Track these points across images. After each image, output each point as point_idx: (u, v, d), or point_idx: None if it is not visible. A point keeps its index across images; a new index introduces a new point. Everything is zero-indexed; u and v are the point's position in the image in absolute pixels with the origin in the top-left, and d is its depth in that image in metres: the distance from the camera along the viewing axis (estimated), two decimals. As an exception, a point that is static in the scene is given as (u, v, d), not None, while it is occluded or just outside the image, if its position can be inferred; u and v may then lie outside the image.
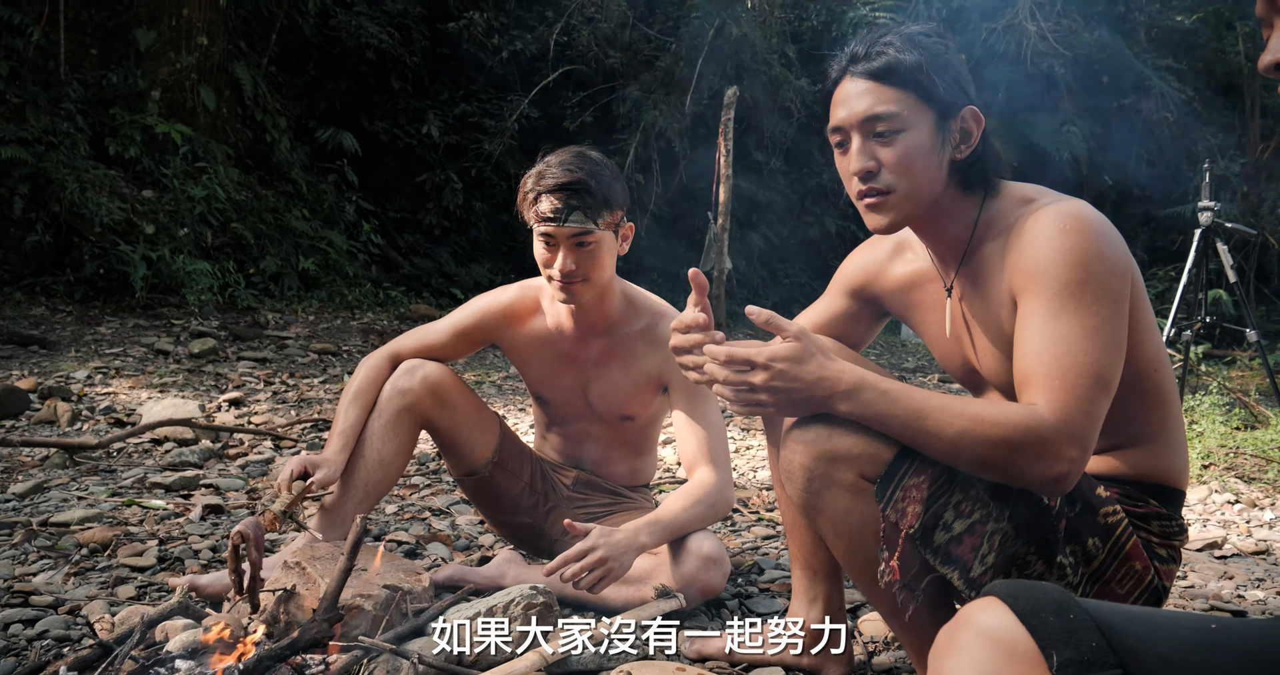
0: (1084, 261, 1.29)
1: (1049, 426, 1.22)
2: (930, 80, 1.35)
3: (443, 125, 9.33)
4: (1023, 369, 1.30)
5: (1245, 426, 4.89)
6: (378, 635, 1.64)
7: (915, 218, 1.43)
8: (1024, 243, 1.34)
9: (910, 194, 1.38)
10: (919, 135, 1.36)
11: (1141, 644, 0.81)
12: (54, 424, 3.87)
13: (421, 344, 2.15)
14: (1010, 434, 1.22)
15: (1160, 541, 1.48)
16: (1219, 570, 2.63)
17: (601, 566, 1.78)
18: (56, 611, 1.95)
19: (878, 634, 1.95)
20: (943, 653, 0.86)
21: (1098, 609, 0.84)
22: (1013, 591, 0.86)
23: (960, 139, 1.39)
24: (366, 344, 6.59)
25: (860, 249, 1.73)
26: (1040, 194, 1.42)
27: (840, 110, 1.40)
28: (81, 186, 6.24)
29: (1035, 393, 1.26)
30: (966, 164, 1.41)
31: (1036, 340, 1.28)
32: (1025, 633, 0.83)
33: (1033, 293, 1.31)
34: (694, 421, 2.03)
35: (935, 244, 1.51)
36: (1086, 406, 1.24)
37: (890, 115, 1.35)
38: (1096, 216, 1.34)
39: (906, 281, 1.62)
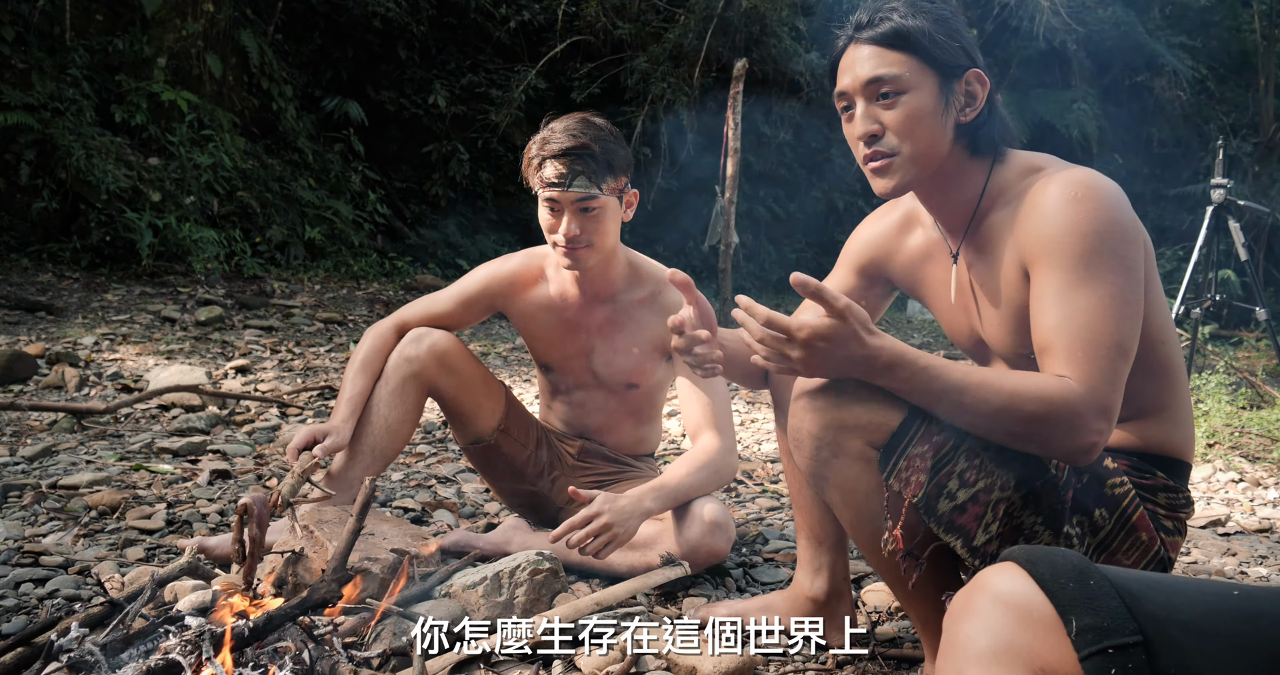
0: (1097, 230, 1.28)
1: (1080, 399, 1.23)
2: (933, 43, 1.35)
3: (449, 95, 9.27)
4: (1044, 342, 1.29)
5: (1251, 406, 4.89)
6: (385, 598, 1.66)
7: (921, 181, 1.43)
8: (1035, 212, 1.33)
9: (914, 156, 1.38)
10: (922, 97, 1.36)
11: (1162, 610, 0.80)
12: (62, 389, 3.88)
13: (428, 313, 2.15)
14: (1045, 408, 1.22)
15: (1166, 513, 1.48)
16: (1222, 547, 2.64)
17: (606, 532, 1.79)
18: (67, 571, 1.96)
19: (881, 604, 1.96)
20: (959, 617, 0.86)
21: (1118, 575, 0.83)
22: (1031, 557, 0.86)
23: (965, 102, 1.39)
24: (372, 313, 6.60)
25: (866, 223, 1.71)
26: (1049, 163, 1.41)
27: (845, 76, 1.41)
28: (88, 153, 6.22)
29: (1059, 366, 1.26)
30: (972, 127, 1.40)
31: (1056, 312, 1.28)
32: (1043, 598, 0.82)
33: (1048, 264, 1.30)
34: (698, 389, 2.04)
35: (941, 211, 1.50)
36: (1110, 376, 1.25)
37: (893, 77, 1.36)
38: (1107, 183, 1.33)
39: (916, 255, 1.61)
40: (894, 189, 1.41)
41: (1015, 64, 8.80)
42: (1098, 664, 0.78)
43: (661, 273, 2.15)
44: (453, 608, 1.67)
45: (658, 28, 9.66)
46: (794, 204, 10.41)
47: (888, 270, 1.67)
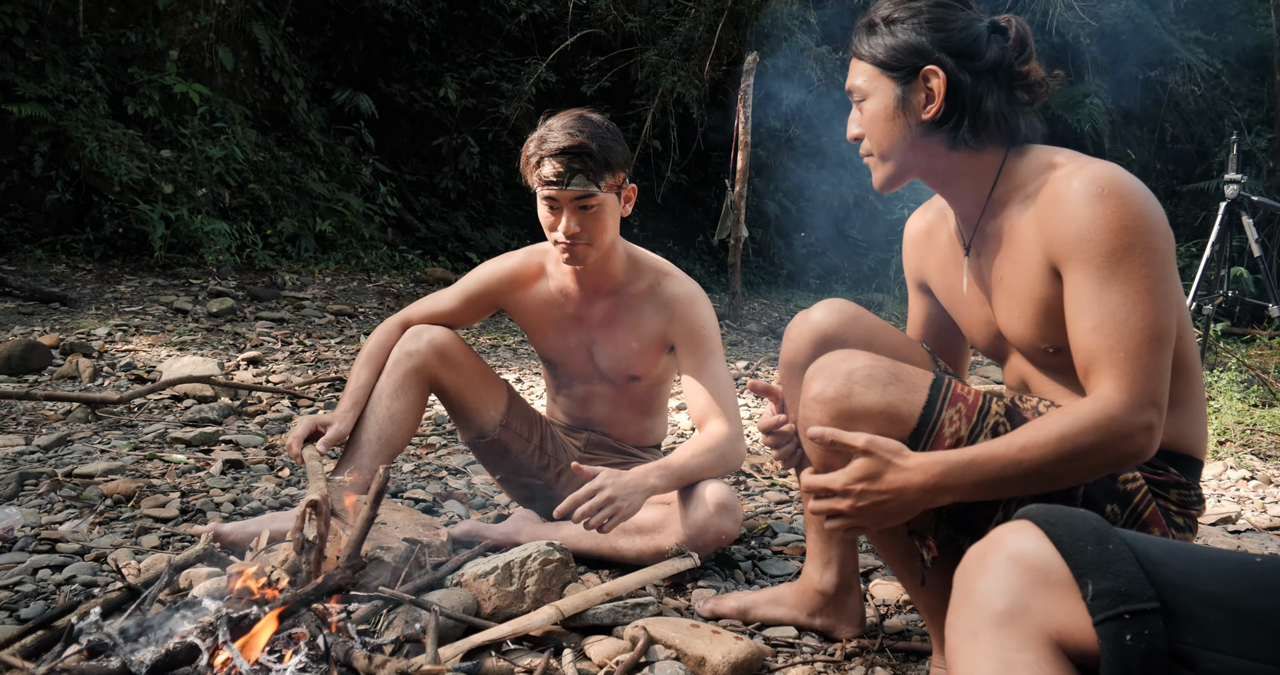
0: (1127, 225, 1.29)
1: (1123, 408, 1.24)
2: (883, 51, 1.45)
3: (460, 88, 9.27)
4: (1084, 344, 1.30)
5: (1263, 404, 4.87)
6: (397, 586, 1.67)
7: (910, 175, 1.50)
8: (1060, 210, 1.34)
9: (883, 155, 1.49)
10: (878, 101, 1.46)
11: (1182, 577, 0.79)
12: (76, 379, 3.91)
13: (432, 310, 2.19)
14: (1096, 434, 1.23)
15: (1178, 510, 1.49)
16: (1232, 544, 2.64)
17: (610, 505, 1.81)
18: (83, 558, 1.99)
19: (890, 597, 1.97)
20: (972, 574, 0.84)
21: (1137, 540, 0.82)
22: (1049, 517, 0.84)
23: (925, 100, 1.43)
24: (382, 306, 6.62)
25: (905, 236, 1.77)
26: (1069, 158, 1.41)
27: None
28: (101, 145, 6.25)
29: (1103, 370, 1.28)
30: (939, 123, 1.43)
31: (1094, 313, 1.29)
32: (1060, 559, 0.81)
33: (1079, 262, 1.31)
34: (702, 379, 2.06)
35: (957, 204, 1.53)
36: (1153, 370, 1.27)
37: (855, 87, 1.48)
38: (1130, 177, 1.33)
39: (942, 255, 1.63)
40: (881, 183, 1.52)
41: None
42: (1113, 629, 0.76)
43: (661, 265, 2.17)
44: (464, 597, 1.68)
45: (668, 21, 9.64)
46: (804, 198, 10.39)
47: (925, 276, 1.70)
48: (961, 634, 0.82)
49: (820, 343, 1.57)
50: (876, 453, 1.26)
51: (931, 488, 1.25)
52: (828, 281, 10.47)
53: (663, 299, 2.11)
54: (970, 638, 0.81)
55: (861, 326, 1.59)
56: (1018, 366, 1.58)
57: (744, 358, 6.03)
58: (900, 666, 1.66)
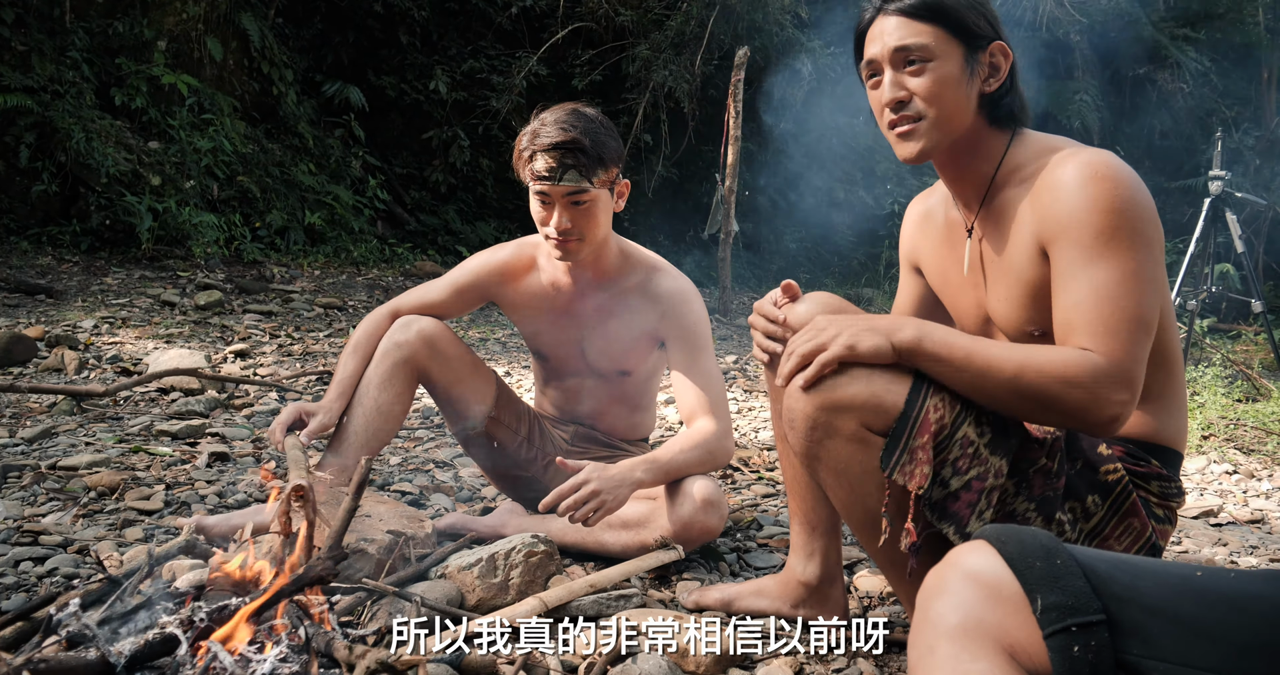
0: (1116, 207, 1.30)
1: (1102, 370, 1.26)
2: (958, 15, 1.40)
3: (450, 81, 9.24)
4: (1065, 318, 1.32)
5: (1247, 399, 4.90)
6: (381, 578, 1.67)
7: (943, 148, 1.46)
8: (1053, 191, 1.36)
9: (939, 121, 1.43)
10: (948, 65, 1.41)
11: (1126, 591, 0.82)
12: (61, 372, 3.89)
13: (421, 301, 2.18)
14: (1065, 373, 1.25)
15: (1159, 501, 1.50)
16: (1214, 537, 2.66)
17: (595, 499, 1.81)
18: (65, 550, 1.98)
19: (873, 590, 1.98)
20: (930, 594, 0.87)
21: (1085, 555, 0.85)
22: (1001, 536, 0.87)
23: (989, 72, 1.44)
24: (371, 299, 6.60)
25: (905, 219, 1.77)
26: (1066, 143, 1.44)
27: (873, 45, 1.46)
28: (87, 136, 6.21)
29: (1081, 340, 1.29)
30: (994, 98, 1.44)
31: (1077, 289, 1.31)
32: (1011, 576, 0.84)
33: (1067, 241, 1.33)
34: (692, 375, 2.06)
35: (958, 184, 1.54)
36: (1132, 350, 1.28)
37: (920, 46, 1.41)
38: (1124, 165, 1.35)
39: (936, 239, 1.65)
40: (918, 154, 1.46)
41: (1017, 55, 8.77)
42: (1061, 641, 0.79)
43: (652, 260, 2.16)
44: (448, 588, 1.68)
45: (659, 15, 9.62)
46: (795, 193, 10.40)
47: (919, 259, 1.71)
48: (920, 650, 0.85)
49: None
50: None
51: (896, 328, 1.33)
52: (817, 276, 10.48)
53: (654, 294, 2.11)
54: (927, 653, 0.83)
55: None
56: None
57: (734, 352, 6.03)
58: (882, 658, 1.66)
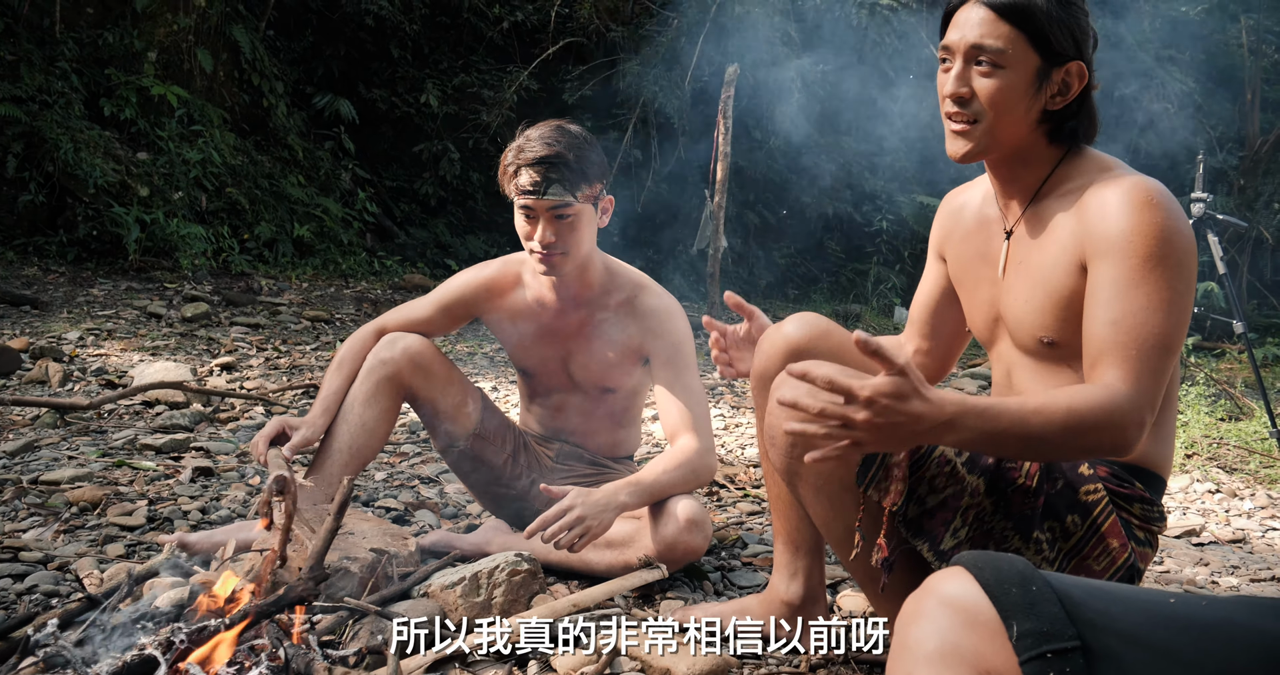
0: (1167, 237, 1.33)
1: (1127, 399, 1.27)
2: (1045, 25, 1.38)
3: (441, 95, 9.26)
4: (1100, 335, 1.33)
5: (1230, 418, 4.94)
6: (363, 597, 1.67)
7: (992, 154, 1.46)
8: (1104, 210, 1.37)
9: (993, 128, 1.42)
10: (1018, 75, 1.39)
11: (1101, 618, 0.83)
12: (45, 384, 3.87)
13: (407, 319, 2.19)
14: (1100, 417, 1.26)
15: (1140, 524, 1.51)
16: (1195, 557, 2.67)
17: (580, 524, 1.82)
18: (46, 567, 1.97)
19: (856, 609, 1.98)
20: (907, 620, 0.88)
21: (1060, 582, 0.86)
22: (978, 562, 0.88)
23: (1059, 90, 1.43)
24: (360, 313, 6.59)
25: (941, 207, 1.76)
26: (1119, 166, 1.46)
27: (954, 32, 1.44)
28: (76, 147, 6.19)
29: (1112, 362, 1.31)
30: (1059, 116, 1.44)
31: (1116, 308, 1.33)
32: (988, 602, 0.84)
33: (1112, 261, 1.34)
34: (676, 392, 2.07)
35: (1006, 185, 1.54)
36: (1156, 374, 1.30)
37: (996, 50, 1.39)
38: (1172, 196, 1.38)
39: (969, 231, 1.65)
40: (966, 154, 1.45)
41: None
42: (1037, 668, 0.80)
43: (638, 277, 2.18)
44: (430, 607, 1.68)
45: (651, 31, 9.67)
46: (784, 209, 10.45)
47: (945, 249, 1.72)
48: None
49: (791, 355, 1.58)
50: (911, 374, 1.20)
51: (944, 425, 1.23)
52: (806, 292, 10.51)
53: (639, 311, 2.13)
54: None
55: (832, 341, 1.61)
56: (1006, 355, 1.60)
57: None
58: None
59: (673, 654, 1.56)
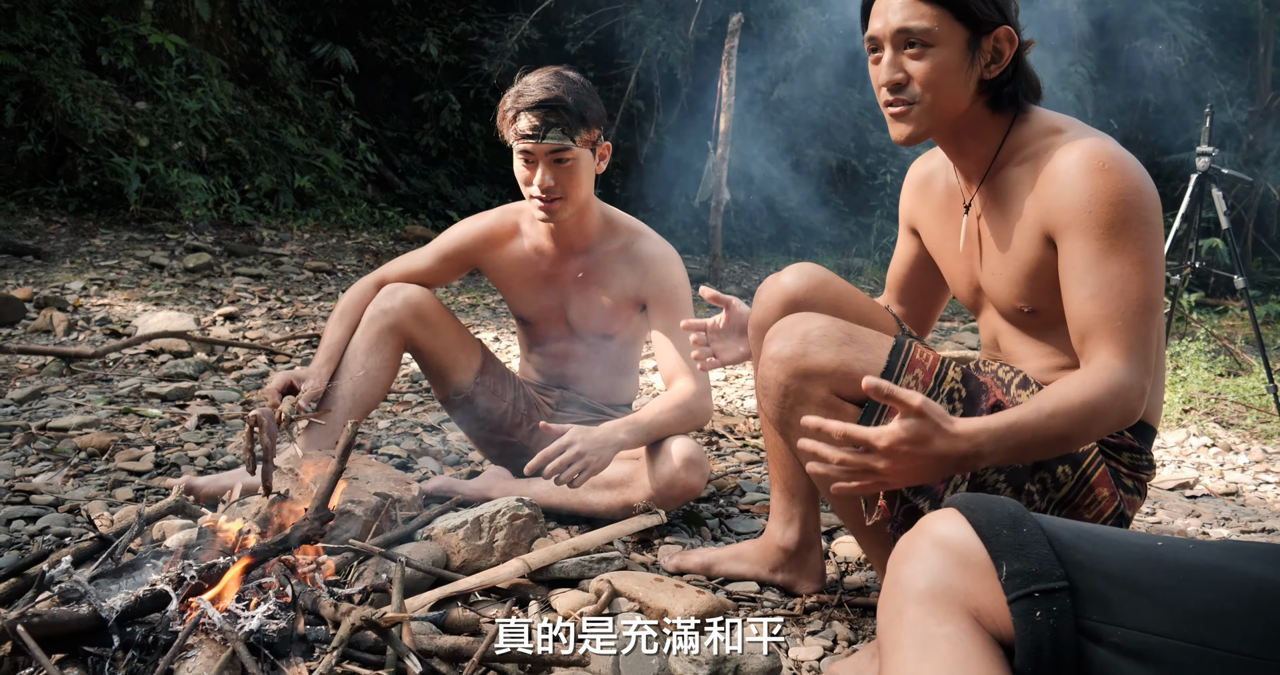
0: (1126, 199, 1.33)
1: (1126, 376, 1.30)
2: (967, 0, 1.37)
3: (441, 44, 9.14)
4: (1082, 312, 1.34)
5: (1229, 373, 4.96)
6: (368, 539, 1.71)
7: (938, 131, 1.46)
8: (1060, 181, 1.37)
9: (933, 107, 1.42)
10: (948, 52, 1.39)
11: (1089, 559, 0.85)
12: (50, 333, 3.89)
13: (407, 270, 2.21)
14: (1111, 402, 1.28)
15: (1129, 472, 1.54)
16: (1188, 508, 2.71)
17: (579, 460, 1.85)
18: (57, 510, 2.01)
19: (851, 555, 2.02)
20: (901, 559, 0.90)
21: (1050, 524, 0.87)
22: (971, 504, 0.90)
23: (991, 58, 1.42)
24: (361, 263, 6.59)
25: (906, 180, 1.76)
26: (1070, 125, 1.45)
27: (877, 21, 1.43)
28: (74, 96, 6.14)
29: (1101, 337, 1.32)
30: (996, 83, 1.44)
31: (1092, 282, 1.34)
32: (979, 543, 0.86)
33: (1078, 233, 1.35)
34: (673, 337, 2.10)
35: (959, 160, 1.55)
36: (1146, 337, 1.32)
37: (922, 30, 1.38)
38: (1126, 153, 1.38)
39: (937, 205, 1.66)
40: (909, 137, 1.45)
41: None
42: (1024, 606, 0.82)
43: (634, 225, 2.19)
44: (433, 550, 1.72)
45: (655, -21, 9.51)
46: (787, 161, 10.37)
47: (917, 222, 1.72)
48: (889, 613, 0.87)
49: (789, 305, 1.60)
50: (929, 415, 1.17)
51: (972, 455, 1.22)
52: (808, 245, 10.48)
53: (636, 258, 2.14)
54: (896, 615, 0.86)
55: (830, 291, 1.63)
56: (991, 322, 1.62)
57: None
58: (857, 621, 1.71)
59: (670, 594, 1.60)
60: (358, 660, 1.23)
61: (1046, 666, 0.82)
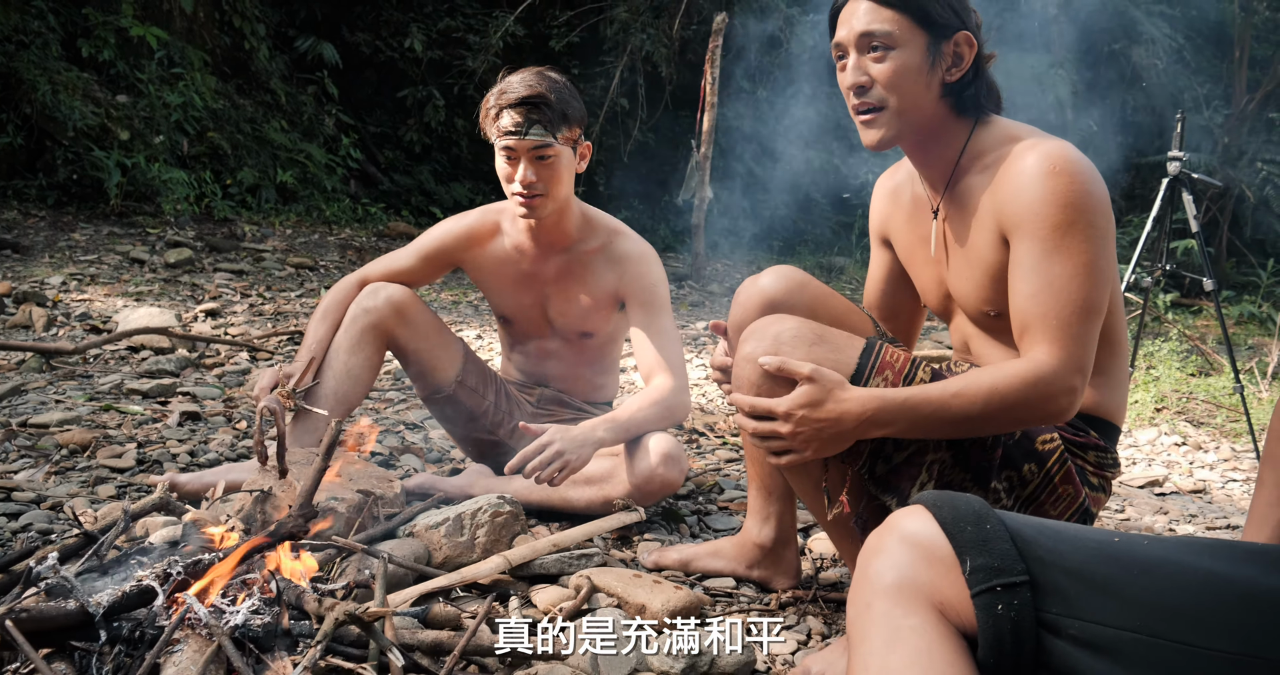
0: (1072, 202, 1.36)
1: (1052, 370, 1.34)
2: (924, 3, 1.43)
3: (426, 39, 9.12)
4: (1022, 309, 1.39)
5: (1200, 373, 5.05)
6: (350, 536, 1.73)
7: (906, 136, 1.51)
8: (1013, 183, 1.41)
9: (900, 110, 1.47)
10: (910, 54, 1.44)
11: (1050, 555, 0.88)
12: (29, 329, 3.88)
13: (389, 269, 2.23)
14: (1024, 391, 1.33)
15: (1094, 470, 1.58)
16: (1156, 505, 2.77)
17: (559, 459, 1.88)
18: (39, 506, 2.02)
19: (826, 551, 2.06)
20: (869, 554, 0.94)
21: (1013, 521, 0.91)
22: (937, 502, 0.93)
23: (952, 61, 1.47)
24: (344, 260, 6.58)
25: (874, 191, 1.81)
26: (1028, 132, 1.49)
27: (842, 29, 1.49)
28: (54, 88, 6.09)
29: (1036, 334, 1.37)
30: (958, 87, 1.48)
31: (1034, 281, 1.38)
32: (945, 539, 0.90)
33: (1025, 233, 1.39)
34: (651, 334, 2.13)
35: (925, 168, 1.59)
36: (1082, 338, 1.36)
37: (884, 33, 1.44)
38: (1081, 157, 1.41)
39: (906, 214, 1.70)
40: (880, 141, 1.50)
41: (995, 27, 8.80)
42: (987, 600, 0.86)
43: (613, 224, 2.23)
44: (415, 546, 1.74)
45: (639, -23, 9.52)
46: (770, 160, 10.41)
47: (888, 233, 1.76)
48: (857, 607, 0.91)
49: (767, 307, 1.63)
50: (820, 380, 1.34)
51: (867, 420, 1.34)
52: (791, 244, 10.54)
53: (615, 256, 2.18)
54: (865, 609, 0.90)
55: (808, 293, 1.66)
56: (962, 327, 1.67)
57: (705, 318, 6.10)
58: (831, 615, 1.75)
59: (648, 590, 1.63)
60: (341, 654, 1.25)
61: (1007, 657, 0.86)
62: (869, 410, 1.33)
